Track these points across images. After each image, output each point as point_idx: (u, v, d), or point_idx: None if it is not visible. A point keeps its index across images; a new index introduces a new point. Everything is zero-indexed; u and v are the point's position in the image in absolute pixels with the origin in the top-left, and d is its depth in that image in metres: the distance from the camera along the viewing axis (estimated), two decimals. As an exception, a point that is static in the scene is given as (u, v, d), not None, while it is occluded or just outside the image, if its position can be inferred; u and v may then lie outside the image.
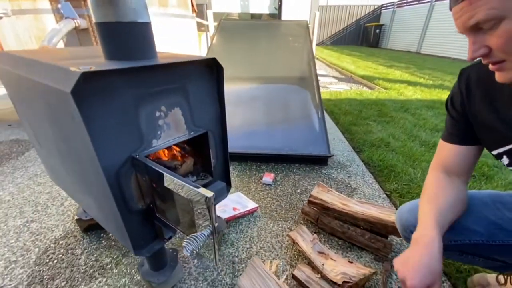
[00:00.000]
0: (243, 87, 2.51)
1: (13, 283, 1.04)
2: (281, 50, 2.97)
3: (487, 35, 0.48)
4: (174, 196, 0.65)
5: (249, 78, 2.62)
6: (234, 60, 2.89)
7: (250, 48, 3.06)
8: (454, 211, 0.70)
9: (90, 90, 0.57)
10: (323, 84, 4.81)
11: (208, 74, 0.85)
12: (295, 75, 2.58)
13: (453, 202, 0.70)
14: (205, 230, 0.59)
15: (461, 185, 0.72)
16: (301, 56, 2.83)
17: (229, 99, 2.38)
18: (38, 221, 1.37)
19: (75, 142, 0.67)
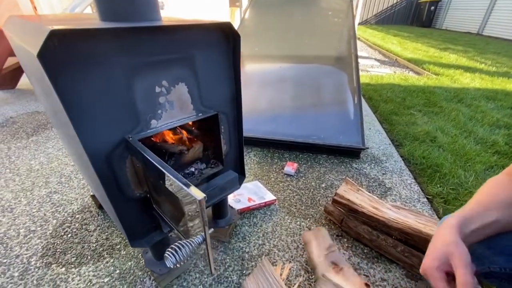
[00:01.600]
0: (272, 66, 2.32)
1: (28, 253, 1.06)
2: (318, 26, 2.68)
3: None
4: (165, 190, 0.54)
5: (280, 57, 2.41)
6: (265, 36, 2.68)
7: (284, 24, 2.80)
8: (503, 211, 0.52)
9: (67, 55, 0.46)
10: (363, 67, 4.37)
11: (222, 43, 0.70)
12: (332, 55, 2.31)
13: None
14: (196, 237, 0.47)
15: None
16: (340, 33, 2.52)
17: (255, 79, 2.23)
18: (60, 192, 1.40)
19: (61, 117, 0.59)
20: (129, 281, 0.95)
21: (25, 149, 1.79)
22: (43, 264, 1.01)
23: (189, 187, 0.44)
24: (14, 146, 1.83)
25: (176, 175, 0.47)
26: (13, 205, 1.30)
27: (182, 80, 0.66)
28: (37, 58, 0.42)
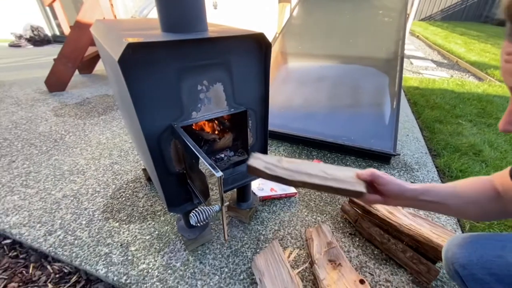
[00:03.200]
0: (313, 65, 2.36)
1: (94, 208, 1.35)
2: (365, 26, 2.61)
3: None
4: (197, 168, 0.69)
5: (322, 56, 2.43)
6: (310, 35, 2.71)
7: (331, 22, 2.79)
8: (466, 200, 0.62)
9: (137, 60, 0.64)
10: (416, 69, 4.08)
11: (255, 51, 0.82)
12: (375, 56, 2.25)
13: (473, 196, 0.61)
14: (214, 206, 0.61)
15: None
16: (388, 33, 2.43)
17: (294, 77, 2.31)
18: (119, 164, 1.70)
19: (127, 105, 0.78)
20: (164, 241, 1.16)
21: (96, 126, 2.17)
22: (103, 217, 1.29)
23: (213, 166, 0.58)
24: (88, 122, 2.23)
25: (204, 157, 0.62)
26: (85, 169, 1.63)
27: (219, 81, 0.81)
28: (118, 63, 0.60)
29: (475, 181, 0.64)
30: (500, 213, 0.61)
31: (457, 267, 0.63)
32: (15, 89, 2.91)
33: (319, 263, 0.99)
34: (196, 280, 1.00)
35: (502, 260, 0.58)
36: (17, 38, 5.34)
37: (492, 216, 0.64)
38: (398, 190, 0.61)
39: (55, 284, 1.02)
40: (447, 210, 0.65)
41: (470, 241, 0.64)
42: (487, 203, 0.61)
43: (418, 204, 0.64)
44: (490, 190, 0.61)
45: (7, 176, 1.55)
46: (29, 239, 1.16)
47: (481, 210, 0.61)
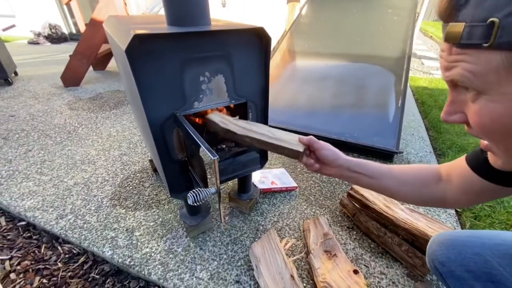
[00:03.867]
0: (318, 64, 2.38)
1: (102, 195, 1.41)
2: (373, 24, 2.61)
3: (468, 101, 0.35)
4: (197, 154, 0.74)
5: (328, 54, 2.44)
6: (317, 34, 2.73)
7: (338, 21, 2.80)
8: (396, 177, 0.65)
9: (143, 51, 0.68)
10: (427, 69, 4.02)
11: (256, 44, 0.86)
12: (382, 54, 2.25)
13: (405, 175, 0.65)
14: (211, 188, 0.66)
15: (440, 186, 0.61)
16: (397, 32, 2.42)
17: (299, 75, 2.34)
18: (128, 155, 1.77)
19: (134, 94, 0.83)
20: (167, 228, 1.21)
21: (107, 119, 2.26)
22: (111, 204, 1.35)
23: (209, 150, 0.62)
24: (100, 115, 2.32)
25: (203, 142, 0.66)
26: (95, 159, 1.71)
27: (221, 73, 0.85)
28: (124, 52, 0.65)
29: (414, 167, 0.66)
30: (434, 201, 0.63)
31: (436, 264, 0.65)
32: (33, 84, 3.05)
33: (314, 253, 1.02)
34: (196, 264, 1.05)
35: (480, 257, 0.59)
36: (36, 35, 5.56)
37: (424, 201, 0.64)
38: (332, 156, 0.65)
39: (64, 264, 1.09)
40: (379, 187, 0.66)
41: (450, 238, 0.65)
42: (422, 186, 0.62)
43: (351, 175, 0.66)
44: (430, 174, 0.62)
45: (24, 164, 1.64)
46: (42, 222, 1.24)
47: (413, 192, 0.63)
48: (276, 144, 0.69)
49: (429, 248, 0.73)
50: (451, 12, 0.32)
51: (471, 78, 0.32)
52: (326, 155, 0.66)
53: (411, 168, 0.66)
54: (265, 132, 0.72)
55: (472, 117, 0.36)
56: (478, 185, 0.54)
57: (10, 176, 1.54)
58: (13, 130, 2.05)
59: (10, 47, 3.38)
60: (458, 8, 0.31)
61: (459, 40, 0.32)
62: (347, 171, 0.66)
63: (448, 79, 0.37)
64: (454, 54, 0.34)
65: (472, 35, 0.30)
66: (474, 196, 0.57)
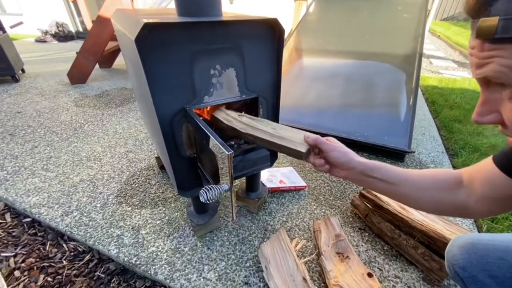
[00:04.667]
0: (327, 61, 2.34)
1: (108, 192, 1.39)
2: (383, 22, 2.56)
3: (504, 99, 0.33)
4: (208, 149, 0.70)
5: (336, 52, 2.40)
6: (325, 31, 2.68)
7: (347, 19, 2.75)
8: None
9: (153, 41, 0.65)
10: (435, 69, 3.95)
11: (268, 36, 0.82)
12: (393, 52, 2.20)
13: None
14: (224, 185, 0.62)
15: (460, 195, 0.56)
16: (407, 30, 2.37)
17: (307, 73, 2.29)
18: (134, 152, 1.75)
19: (143, 88, 0.80)
20: (174, 227, 1.18)
21: (113, 116, 2.25)
22: (116, 202, 1.33)
23: (223, 145, 0.59)
24: (106, 113, 2.31)
25: (215, 136, 0.63)
26: (101, 156, 1.69)
27: (232, 66, 0.81)
28: (134, 42, 0.62)
29: (433, 170, 0.61)
30: (455, 208, 0.57)
31: (457, 268, 0.61)
32: (39, 81, 3.06)
33: (326, 254, 0.98)
34: (203, 265, 1.02)
35: (504, 262, 0.56)
36: (43, 33, 5.60)
37: (445, 210, 0.59)
38: (342, 158, 0.60)
39: (69, 262, 1.07)
40: (395, 193, 0.61)
41: (471, 242, 0.61)
42: (442, 192, 0.57)
43: (365, 180, 0.61)
44: (449, 179, 0.57)
45: (30, 160, 1.63)
46: (47, 219, 1.22)
47: (432, 199, 0.58)
48: (278, 143, 0.65)
49: (448, 252, 0.69)
50: (481, 7, 0.31)
51: (509, 73, 0.30)
52: (336, 157, 0.60)
53: (430, 171, 0.61)
54: (268, 129, 0.68)
55: (509, 116, 0.33)
56: (508, 188, 0.49)
57: (16, 172, 1.52)
58: (20, 126, 2.04)
59: (18, 45, 3.40)
60: (489, 2, 0.30)
61: (493, 35, 0.30)
62: (361, 175, 0.61)
63: (480, 77, 0.34)
64: (487, 50, 0.32)
65: (508, 28, 0.29)
66: (502, 202, 0.51)
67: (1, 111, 2.28)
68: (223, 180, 0.67)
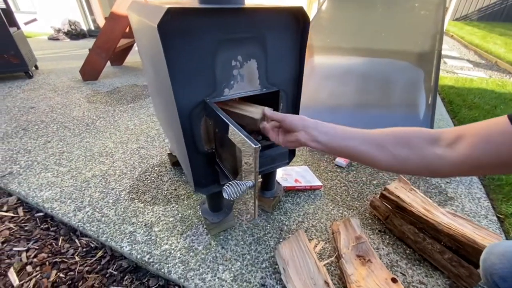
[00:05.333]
0: (340, 59, 2.28)
1: (120, 188, 1.38)
2: (399, 18, 2.48)
3: None
4: (230, 144, 0.67)
5: (351, 49, 2.34)
6: (339, 28, 2.63)
7: (362, 16, 2.68)
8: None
9: (175, 28, 0.62)
10: (450, 68, 3.84)
11: (292, 26, 0.78)
12: (410, 49, 2.14)
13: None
14: (248, 181, 0.59)
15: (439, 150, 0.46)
16: (425, 26, 2.29)
17: (320, 70, 2.24)
18: (145, 148, 1.73)
19: (163, 79, 0.77)
20: (187, 225, 1.15)
21: (125, 112, 2.24)
22: (129, 198, 1.31)
23: (249, 138, 0.55)
24: (118, 109, 2.31)
25: (240, 129, 0.59)
26: (113, 152, 1.68)
27: (254, 57, 0.78)
28: (156, 28, 0.59)
29: (400, 128, 0.53)
30: (420, 166, 0.49)
31: (496, 279, 0.57)
32: (52, 77, 3.09)
33: (346, 257, 0.94)
34: (218, 264, 0.98)
35: None
36: (56, 31, 5.69)
37: (405, 167, 0.51)
38: (298, 121, 0.61)
39: (82, 258, 1.05)
40: (353, 154, 0.57)
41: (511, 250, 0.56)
42: (403, 148, 0.49)
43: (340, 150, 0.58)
44: (419, 136, 0.49)
45: (43, 155, 1.63)
46: (60, 213, 1.21)
47: (390, 156, 0.51)
48: (240, 113, 0.79)
49: (485, 260, 0.64)
50: None
51: None
52: (289, 121, 0.62)
53: (396, 129, 0.54)
54: (242, 107, 0.82)
55: None
56: None
57: (29, 166, 1.52)
58: (33, 121, 2.05)
59: (32, 42, 3.44)
60: None
61: None
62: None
63: None
64: None
65: None
66: (491, 168, 0.43)
67: (15, 106, 2.30)
68: (244, 176, 0.64)
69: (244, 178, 0.62)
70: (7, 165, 1.53)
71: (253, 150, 0.53)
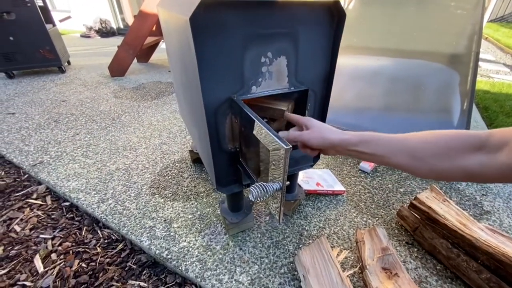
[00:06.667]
0: (368, 59, 2.19)
1: (142, 182, 1.40)
2: (433, 18, 2.35)
3: None
4: (256, 143, 0.65)
5: (379, 49, 2.25)
6: (368, 27, 2.53)
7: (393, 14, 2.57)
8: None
9: (207, 21, 0.60)
10: (485, 72, 3.60)
11: (326, 22, 0.74)
12: (444, 51, 2.01)
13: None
14: (275, 183, 0.56)
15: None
16: (461, 26, 2.15)
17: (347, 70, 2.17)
18: (167, 144, 1.76)
19: (190, 75, 0.76)
20: (206, 223, 1.15)
21: (149, 108, 2.30)
22: (150, 192, 1.33)
23: (280, 138, 0.52)
24: (142, 105, 2.37)
25: (270, 129, 0.57)
26: (137, 146, 1.72)
27: (284, 54, 0.75)
28: (188, 21, 0.57)
29: (441, 133, 0.48)
30: (463, 175, 0.44)
31: None
32: (83, 73, 3.23)
33: (371, 269, 0.88)
34: (235, 266, 0.97)
35: None
36: (87, 29, 5.97)
37: (448, 177, 0.47)
38: (322, 143, 0.60)
39: (103, 249, 1.07)
40: (387, 164, 0.54)
41: None
42: (443, 160, 0.45)
43: (353, 154, 0.58)
44: (464, 141, 0.44)
45: (71, 146, 1.70)
46: (84, 204, 1.24)
47: (431, 167, 0.47)
48: (265, 106, 0.79)
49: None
50: None
51: None
52: (314, 144, 0.61)
53: (437, 134, 0.49)
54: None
55: None
56: None
57: (58, 157, 1.59)
58: (64, 114, 2.15)
59: (65, 39, 3.63)
60: None
61: None
62: (346, 150, 0.59)
63: None
64: None
65: None
66: None
67: (48, 99, 2.43)
68: (271, 178, 0.61)
69: (270, 180, 0.59)
70: (38, 154, 1.60)
71: (284, 151, 0.50)
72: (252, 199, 0.54)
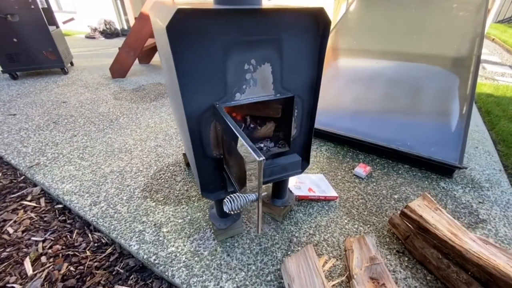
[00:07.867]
0: (368, 62, 2.17)
1: (135, 186, 1.40)
2: (434, 21, 2.31)
3: None
4: (235, 151, 0.64)
5: (378, 52, 2.22)
6: (367, 30, 2.50)
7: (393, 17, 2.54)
8: None
9: (185, 29, 0.60)
10: (489, 74, 3.52)
11: (312, 29, 0.74)
12: (444, 54, 1.97)
13: None
14: (251, 195, 0.55)
15: None
16: (463, 29, 2.11)
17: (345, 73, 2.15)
18: (163, 147, 1.76)
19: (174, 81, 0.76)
20: (195, 227, 1.14)
21: (147, 110, 2.31)
22: (142, 196, 1.33)
23: (254, 150, 0.52)
24: (141, 106, 2.38)
25: (246, 139, 0.56)
26: (132, 149, 1.73)
27: (268, 61, 0.74)
28: (165, 30, 0.57)
29: None
30: None
31: None
32: (85, 74, 3.27)
33: (358, 278, 0.87)
34: (222, 272, 0.96)
35: None
36: (92, 30, 6.04)
37: None
38: None
39: (92, 252, 1.08)
40: None
41: None
42: None
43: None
44: None
45: (68, 148, 1.72)
46: (77, 207, 1.25)
47: None
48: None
49: None
50: None
51: None
52: None
53: None
54: None
55: None
56: None
57: (55, 158, 1.61)
58: (63, 115, 2.18)
59: (70, 40, 3.68)
60: None
61: None
62: None
63: None
64: None
65: None
66: None
67: (49, 100, 2.46)
68: (249, 186, 0.60)
69: (247, 187, 0.59)
70: (35, 156, 1.62)
71: (256, 162, 0.50)
72: (227, 211, 0.53)
